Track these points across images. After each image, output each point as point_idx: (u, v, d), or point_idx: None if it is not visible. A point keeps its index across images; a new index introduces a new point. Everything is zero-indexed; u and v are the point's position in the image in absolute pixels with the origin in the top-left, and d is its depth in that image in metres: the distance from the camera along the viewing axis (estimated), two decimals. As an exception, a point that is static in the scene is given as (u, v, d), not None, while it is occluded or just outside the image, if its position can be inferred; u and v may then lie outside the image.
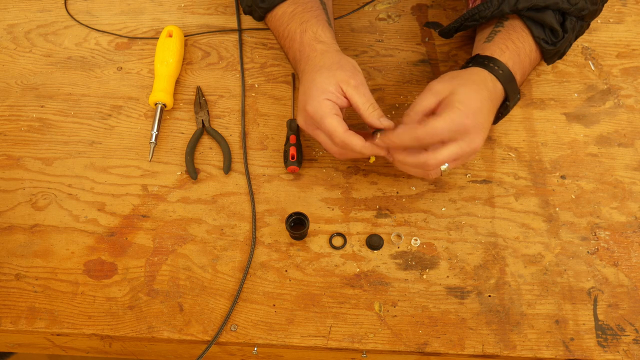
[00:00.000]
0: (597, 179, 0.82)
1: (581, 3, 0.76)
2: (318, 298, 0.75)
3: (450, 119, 0.68)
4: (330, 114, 0.71)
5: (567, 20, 0.78)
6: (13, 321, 0.74)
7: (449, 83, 0.71)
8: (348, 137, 0.71)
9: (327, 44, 0.78)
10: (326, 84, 0.72)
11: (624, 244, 0.77)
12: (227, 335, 0.73)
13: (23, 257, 0.78)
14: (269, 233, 0.79)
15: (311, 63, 0.76)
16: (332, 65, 0.74)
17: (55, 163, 0.85)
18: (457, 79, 0.72)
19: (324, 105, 0.71)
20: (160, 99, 0.87)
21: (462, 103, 0.69)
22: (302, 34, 0.79)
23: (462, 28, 0.84)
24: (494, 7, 0.78)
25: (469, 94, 0.70)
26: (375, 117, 0.71)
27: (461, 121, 0.68)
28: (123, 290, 0.76)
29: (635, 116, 0.86)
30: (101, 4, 1.00)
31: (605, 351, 0.71)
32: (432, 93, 0.71)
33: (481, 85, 0.73)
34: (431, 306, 0.74)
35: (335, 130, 0.71)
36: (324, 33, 0.79)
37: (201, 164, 0.84)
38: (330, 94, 0.72)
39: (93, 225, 0.80)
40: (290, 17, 0.81)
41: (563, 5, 0.76)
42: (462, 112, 0.68)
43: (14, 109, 0.90)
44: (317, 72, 0.74)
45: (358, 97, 0.72)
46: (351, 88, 0.72)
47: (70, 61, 0.94)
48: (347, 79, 0.72)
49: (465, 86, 0.71)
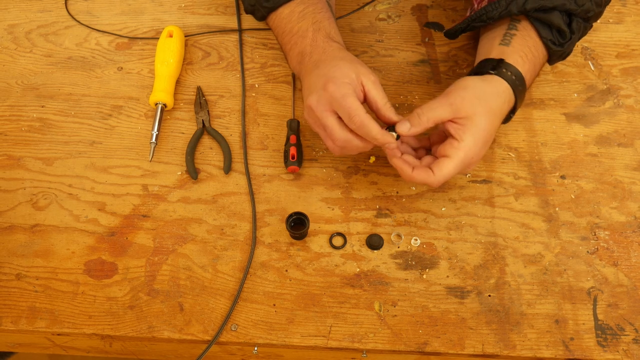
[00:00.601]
0: (597, 178, 0.82)
1: (588, 4, 0.76)
2: (318, 298, 0.75)
3: (460, 160, 0.70)
4: (352, 94, 0.71)
5: (574, 22, 0.78)
6: (14, 321, 0.74)
7: (471, 105, 0.71)
8: (367, 119, 0.70)
9: (341, 45, 0.79)
10: (349, 71, 0.72)
11: (623, 244, 0.77)
12: (228, 335, 0.73)
13: (24, 256, 0.78)
14: (269, 233, 0.79)
15: (329, 54, 0.76)
16: (352, 59, 0.75)
17: (55, 163, 0.85)
18: (481, 102, 0.72)
19: (347, 86, 0.71)
20: (160, 99, 0.87)
21: (472, 136, 0.70)
22: (315, 32, 0.79)
23: (469, 29, 0.84)
24: (502, 8, 0.78)
25: (485, 127, 0.71)
26: (393, 112, 0.73)
27: (470, 157, 0.71)
28: (123, 290, 0.76)
29: (634, 116, 0.86)
30: (102, 4, 1.00)
31: (605, 351, 0.71)
32: (452, 109, 0.71)
33: (499, 109, 0.74)
34: (431, 306, 0.74)
35: (358, 109, 0.70)
36: (336, 35, 0.80)
37: (201, 164, 0.85)
38: (353, 80, 0.72)
39: (93, 225, 0.80)
40: (300, 16, 0.81)
41: (570, 6, 0.76)
42: (470, 149, 0.71)
43: (15, 109, 0.90)
44: (340, 60, 0.74)
45: (376, 91, 0.72)
46: (370, 82, 0.72)
47: (70, 61, 0.94)
48: (368, 74, 0.73)
49: (484, 116, 0.71)
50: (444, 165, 0.70)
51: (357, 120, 0.70)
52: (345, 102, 0.70)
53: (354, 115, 0.70)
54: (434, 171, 0.71)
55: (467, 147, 0.70)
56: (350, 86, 0.71)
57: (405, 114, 0.87)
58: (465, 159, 0.71)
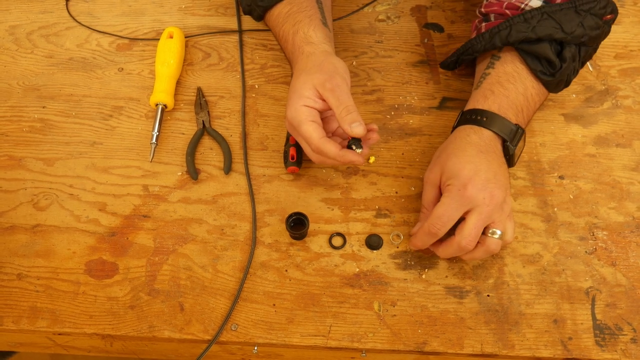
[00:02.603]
0: (595, 179, 0.82)
1: (578, 30, 0.74)
2: (318, 298, 0.75)
3: (448, 199, 0.69)
4: (306, 120, 0.71)
5: (565, 50, 0.76)
6: (15, 320, 0.75)
7: (437, 166, 0.73)
8: (322, 143, 0.71)
9: (316, 45, 0.77)
10: (303, 89, 0.72)
11: (621, 244, 0.77)
12: (228, 335, 0.73)
13: (25, 257, 0.79)
14: (269, 233, 0.79)
15: (297, 67, 0.77)
16: (312, 68, 0.74)
17: (56, 163, 0.85)
18: (442, 155, 0.74)
19: (300, 112, 0.72)
20: (161, 99, 0.87)
21: (452, 178, 0.70)
22: (294, 35, 0.79)
23: (460, 61, 0.85)
24: (486, 41, 0.78)
25: (456, 164, 0.71)
26: (347, 121, 0.70)
27: (459, 194, 0.69)
28: (124, 289, 0.76)
29: (633, 117, 0.87)
30: (102, 5, 1.01)
31: (603, 350, 0.71)
32: (430, 185, 0.74)
33: (464, 145, 0.73)
34: (430, 306, 0.74)
35: (311, 137, 0.71)
36: (314, 33, 0.78)
37: (202, 165, 0.85)
38: (307, 99, 0.72)
39: (94, 225, 0.80)
40: (284, 18, 0.81)
41: (557, 35, 0.74)
42: (455, 187, 0.69)
43: (16, 110, 0.90)
44: (297, 77, 0.74)
45: (333, 99, 0.71)
46: (327, 91, 0.71)
47: (71, 62, 0.95)
48: (323, 82, 0.71)
49: (449, 159, 0.72)
50: (435, 211, 0.70)
51: (314, 147, 0.72)
52: (300, 131, 0.72)
53: (310, 143, 0.72)
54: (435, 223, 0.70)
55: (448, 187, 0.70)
56: (305, 109, 0.72)
57: (405, 114, 0.88)
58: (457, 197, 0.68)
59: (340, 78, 0.72)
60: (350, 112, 0.70)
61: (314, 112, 0.72)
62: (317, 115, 0.73)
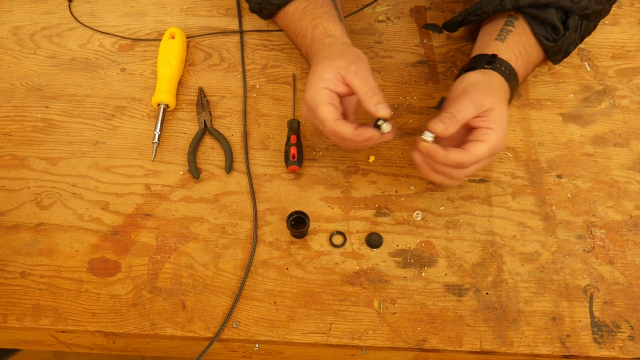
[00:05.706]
0: (593, 178, 0.83)
1: (584, 2, 0.77)
2: (318, 295, 0.76)
3: (492, 144, 0.71)
4: (324, 102, 0.72)
5: (570, 18, 0.79)
6: (18, 318, 0.75)
7: (490, 97, 0.72)
8: (337, 125, 0.71)
9: (336, 37, 0.79)
10: (325, 72, 0.73)
11: (619, 242, 0.78)
12: (229, 332, 0.74)
13: (28, 255, 0.79)
14: (270, 231, 0.80)
15: (318, 56, 0.78)
16: (334, 54, 0.75)
17: (59, 163, 0.86)
18: (495, 93, 0.74)
19: (320, 94, 0.72)
20: (162, 99, 0.88)
21: (499, 124, 0.71)
22: (313, 30, 0.80)
23: (465, 22, 0.85)
24: (496, 3, 0.79)
25: (503, 113, 0.73)
26: (373, 102, 0.71)
27: (499, 142, 0.71)
28: (126, 287, 0.77)
29: (630, 116, 0.87)
30: (105, 6, 1.01)
31: (600, 347, 0.72)
32: (476, 106, 0.71)
33: (505, 98, 0.76)
34: (430, 303, 0.75)
35: (326, 118, 0.72)
36: (334, 28, 0.80)
37: (203, 164, 0.86)
38: (328, 81, 0.72)
39: (97, 224, 0.81)
40: (302, 14, 0.82)
41: (565, 3, 0.77)
42: (500, 135, 0.71)
43: (19, 110, 0.91)
44: (319, 63, 0.75)
45: (357, 81, 0.71)
46: (351, 73, 0.72)
47: (74, 62, 0.95)
48: (347, 65, 0.72)
49: (500, 105, 0.73)
50: (478, 146, 0.70)
51: (328, 129, 0.72)
52: (317, 112, 0.72)
53: (325, 125, 0.72)
54: (468, 150, 0.70)
55: (497, 133, 0.71)
56: (325, 91, 0.72)
57: (405, 114, 0.89)
58: (495, 145, 0.71)
59: (364, 63, 0.74)
60: (376, 93, 0.71)
61: (334, 95, 0.73)
62: (337, 99, 0.73)
